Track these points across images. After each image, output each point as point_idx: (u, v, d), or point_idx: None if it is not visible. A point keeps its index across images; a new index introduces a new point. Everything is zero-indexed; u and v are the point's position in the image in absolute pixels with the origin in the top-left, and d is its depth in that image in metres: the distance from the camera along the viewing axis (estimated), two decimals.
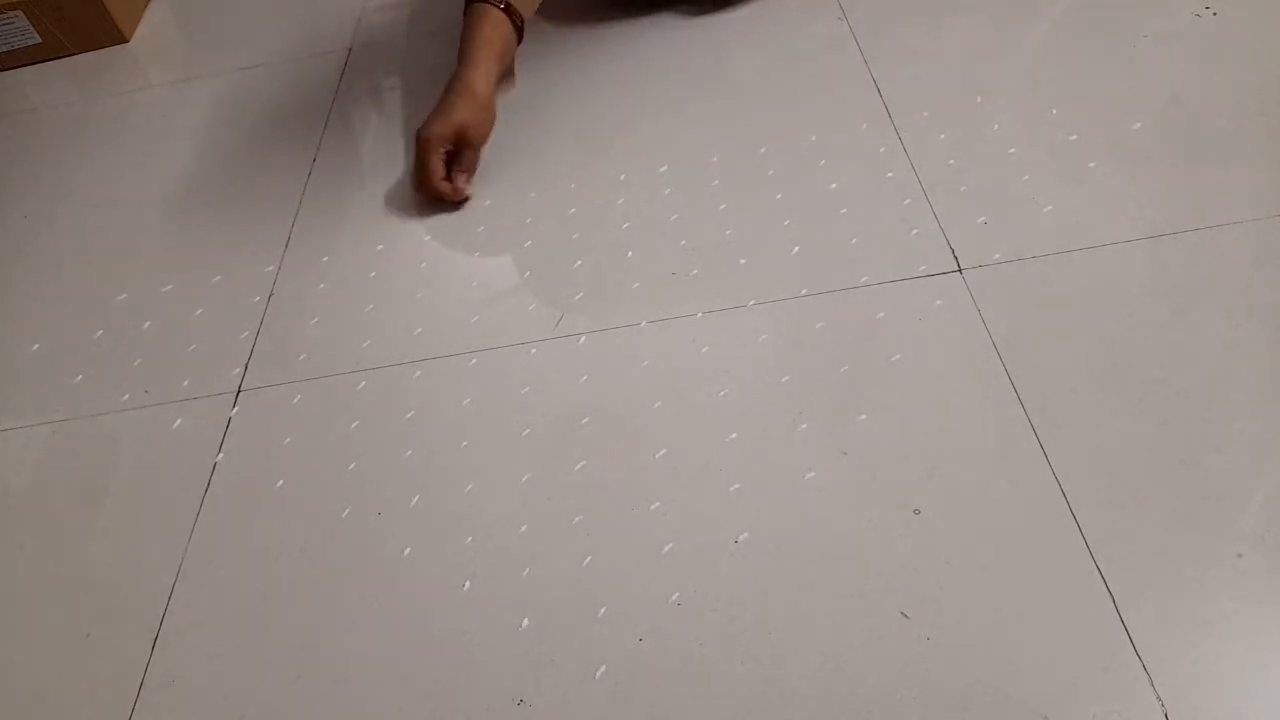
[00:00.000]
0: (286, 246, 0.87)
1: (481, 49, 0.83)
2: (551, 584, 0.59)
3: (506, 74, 0.89)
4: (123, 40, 1.22)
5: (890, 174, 0.79)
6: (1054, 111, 0.81)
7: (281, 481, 0.69)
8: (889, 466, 0.61)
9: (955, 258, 0.72)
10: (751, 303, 0.72)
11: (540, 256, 0.80)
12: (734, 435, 0.64)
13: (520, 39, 0.87)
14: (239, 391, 0.75)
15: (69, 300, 0.87)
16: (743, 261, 0.75)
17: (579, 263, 0.79)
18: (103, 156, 1.04)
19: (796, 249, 0.75)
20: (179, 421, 0.74)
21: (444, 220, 0.86)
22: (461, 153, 0.85)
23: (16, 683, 0.61)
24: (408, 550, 0.63)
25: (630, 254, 0.78)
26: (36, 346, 0.84)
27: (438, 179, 0.83)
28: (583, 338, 0.73)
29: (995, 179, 0.77)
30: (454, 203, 0.86)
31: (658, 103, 0.93)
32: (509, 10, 0.84)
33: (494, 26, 0.84)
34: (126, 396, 0.77)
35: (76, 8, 1.18)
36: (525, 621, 0.58)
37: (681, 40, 0.99)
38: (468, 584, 0.60)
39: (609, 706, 0.53)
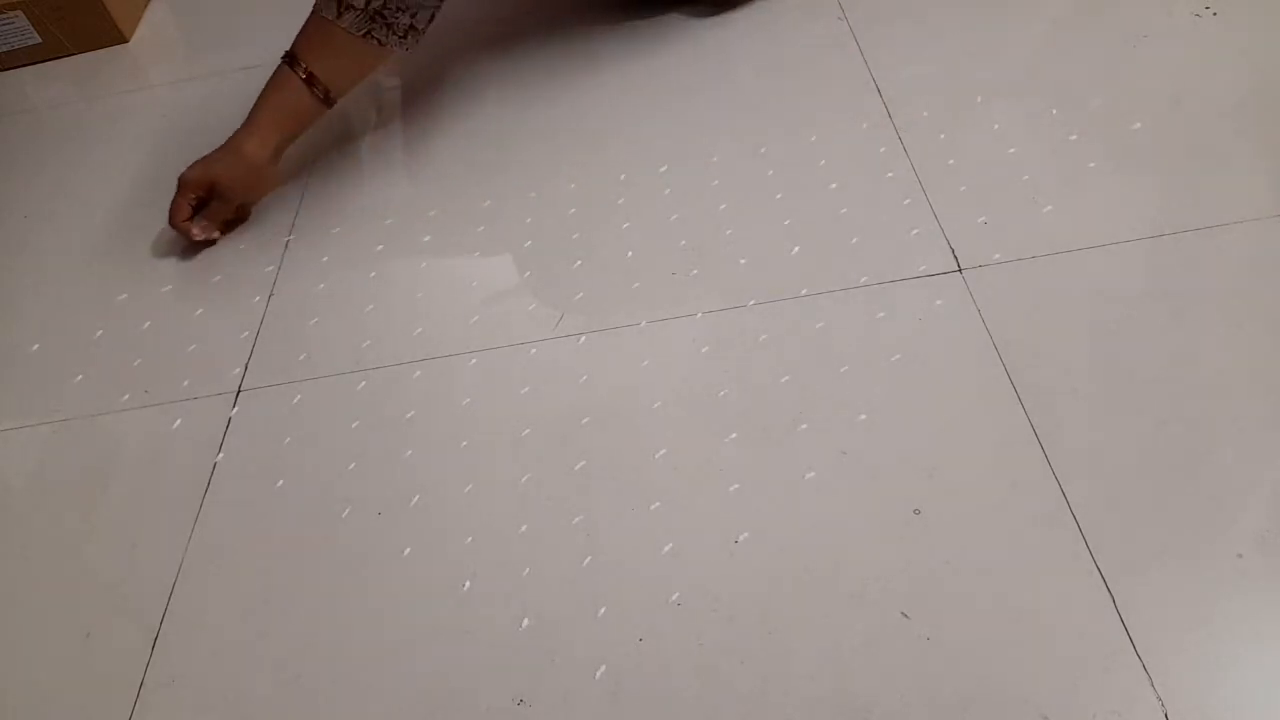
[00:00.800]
0: (286, 247, 0.87)
1: (264, 114, 0.84)
2: (551, 584, 0.59)
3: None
4: (122, 40, 1.22)
5: (890, 174, 0.79)
6: (1054, 111, 0.81)
7: (281, 481, 0.68)
8: (889, 466, 0.61)
9: (955, 258, 0.72)
10: (751, 303, 0.72)
11: (540, 256, 0.80)
12: (734, 435, 0.64)
13: (329, 104, 0.85)
14: (239, 391, 0.75)
15: (69, 300, 0.87)
16: (743, 261, 0.75)
17: (579, 263, 0.79)
18: (102, 156, 1.04)
19: (796, 249, 0.75)
20: (179, 421, 0.74)
21: (444, 220, 0.86)
22: (210, 202, 0.86)
23: (16, 683, 0.61)
24: (408, 550, 0.63)
25: (630, 254, 0.78)
26: (36, 346, 0.84)
27: (179, 219, 0.85)
28: (583, 338, 0.73)
29: (995, 179, 0.77)
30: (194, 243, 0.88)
31: (658, 103, 0.93)
32: (310, 80, 0.83)
33: (288, 95, 0.83)
34: (126, 396, 0.77)
35: (76, 8, 1.18)
36: (525, 621, 0.58)
37: (681, 40, 0.99)
38: (468, 584, 0.60)
39: (609, 706, 0.53)
